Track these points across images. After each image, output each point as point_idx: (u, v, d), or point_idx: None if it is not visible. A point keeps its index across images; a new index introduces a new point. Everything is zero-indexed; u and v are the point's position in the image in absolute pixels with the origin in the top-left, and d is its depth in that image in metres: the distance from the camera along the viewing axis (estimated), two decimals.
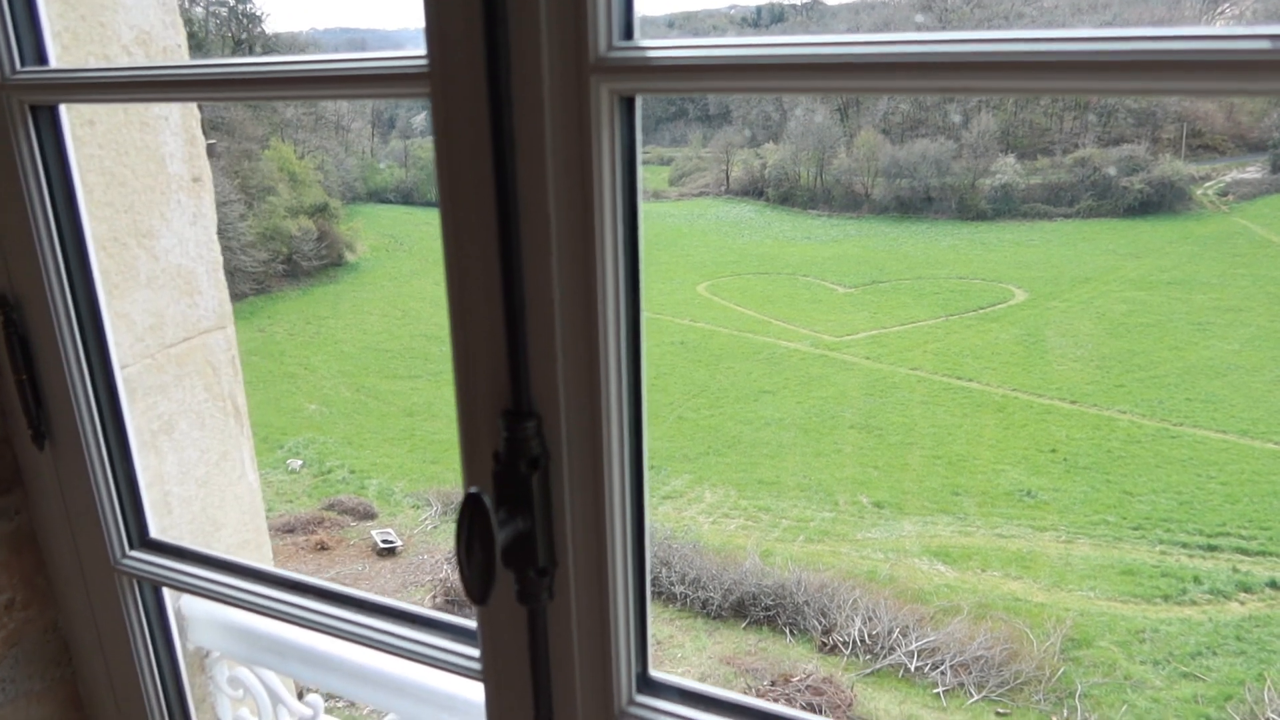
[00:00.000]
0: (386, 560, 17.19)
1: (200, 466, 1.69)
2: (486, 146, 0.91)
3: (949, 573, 17.13)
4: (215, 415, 1.71)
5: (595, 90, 0.86)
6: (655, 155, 55.59)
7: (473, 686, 1.19)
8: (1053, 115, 45.38)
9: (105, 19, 1.46)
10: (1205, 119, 43.17)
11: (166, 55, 1.57)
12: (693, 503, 20.44)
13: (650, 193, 50.68)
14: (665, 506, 20.11)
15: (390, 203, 48.46)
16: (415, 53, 0.95)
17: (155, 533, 1.51)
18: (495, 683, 1.13)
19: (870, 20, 46.64)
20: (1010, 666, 13.66)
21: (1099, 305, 31.20)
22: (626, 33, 0.87)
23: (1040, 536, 18.37)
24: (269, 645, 1.55)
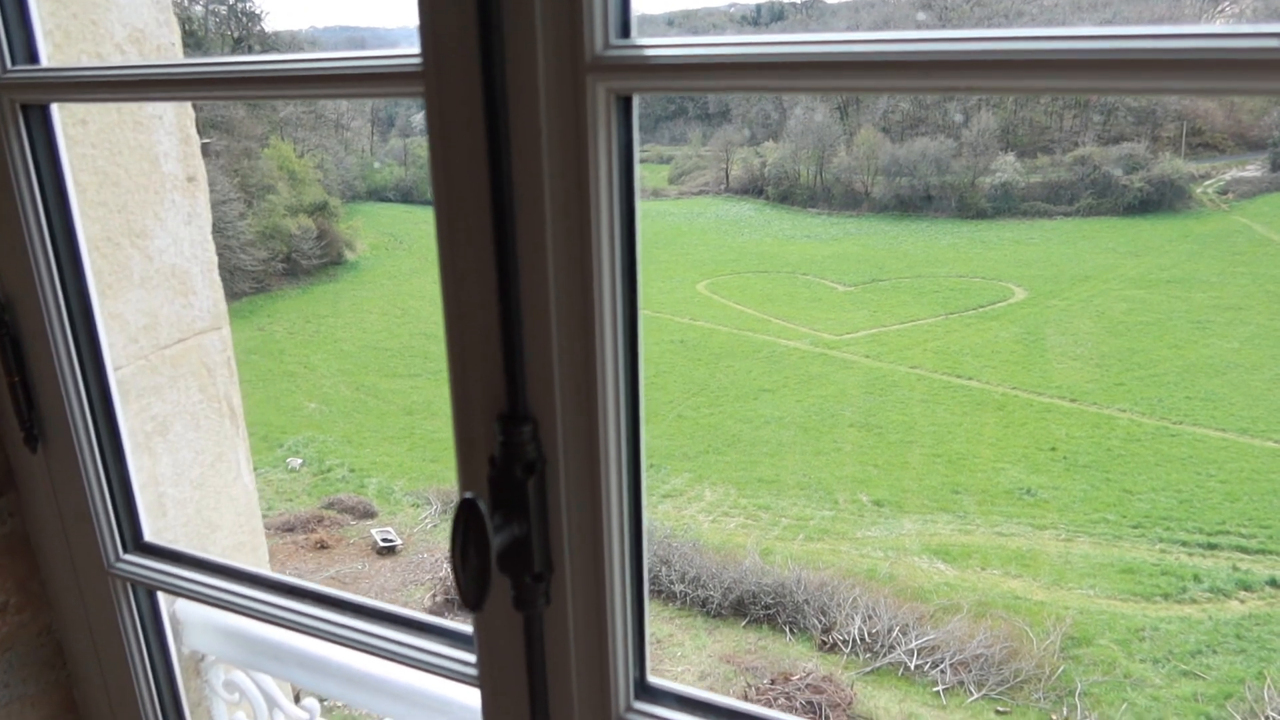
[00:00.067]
0: (386, 559, 17.19)
1: (195, 468, 1.67)
2: (481, 146, 0.90)
3: (949, 571, 17.13)
4: (210, 416, 1.69)
5: (591, 89, 0.85)
6: (655, 153, 55.57)
7: (469, 692, 1.18)
8: (1053, 113, 45.36)
9: (98, 17, 1.45)
10: (1205, 117, 43.16)
11: (160, 53, 1.55)
12: (692, 501, 20.43)
13: (650, 191, 50.65)
14: (665, 505, 20.10)
15: (390, 201, 48.43)
16: (409, 51, 0.94)
17: (150, 535, 1.50)
18: (491, 689, 1.12)
19: (870, 18, 46.60)
20: (1010, 665, 13.67)
21: (1099, 303, 31.19)
22: (623, 31, 0.86)
23: (1040, 535, 18.37)
24: (265, 649, 1.54)
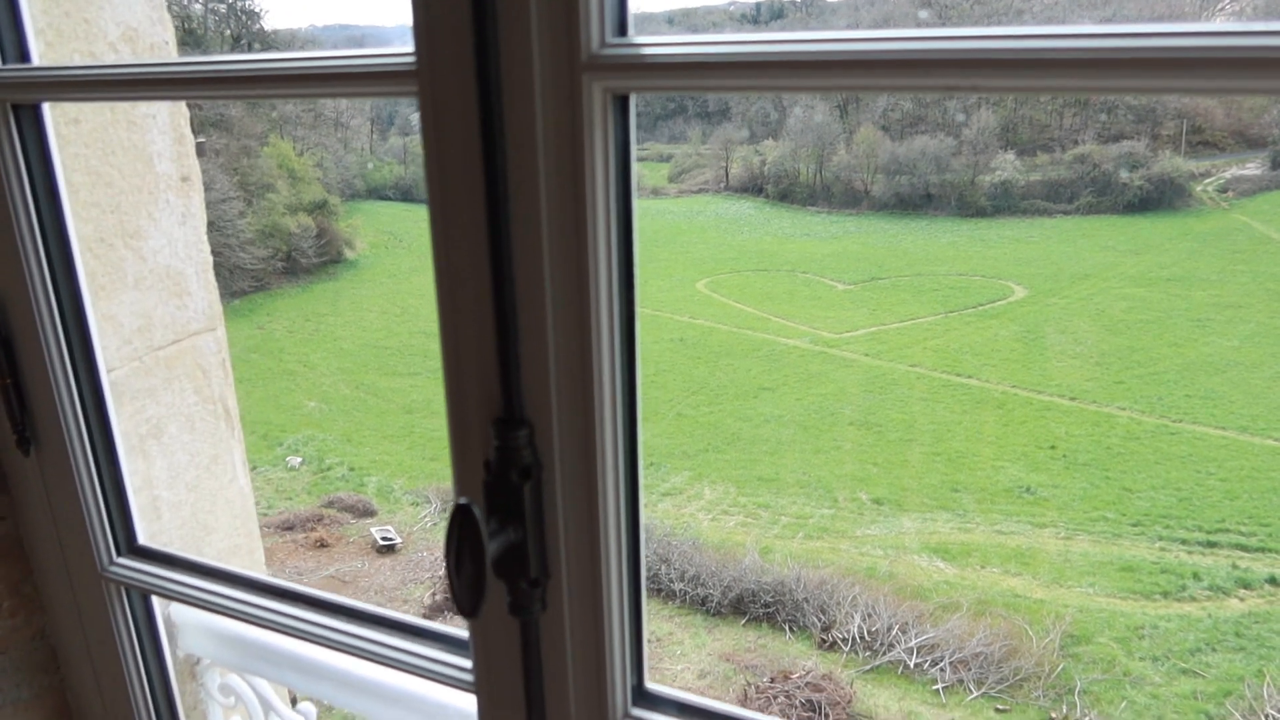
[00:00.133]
0: (386, 557, 17.19)
1: (190, 470, 1.66)
2: (476, 146, 0.89)
3: (948, 569, 17.13)
4: (205, 418, 1.68)
5: (587, 89, 0.84)
6: (654, 152, 55.55)
7: (466, 698, 1.17)
8: (1052, 112, 45.33)
9: (90, 15, 1.43)
10: (1205, 115, 43.14)
11: (154, 52, 1.54)
12: (692, 500, 20.43)
13: (649, 189, 50.63)
14: (664, 503, 20.10)
15: (389, 200, 48.41)
16: (403, 50, 0.92)
17: (144, 538, 1.49)
18: (487, 695, 1.11)
19: (870, 16, 46.55)
20: (1009, 663, 13.67)
21: (1098, 302, 31.18)
22: (620, 29, 0.85)
23: (1040, 533, 18.37)
24: (261, 653, 1.53)
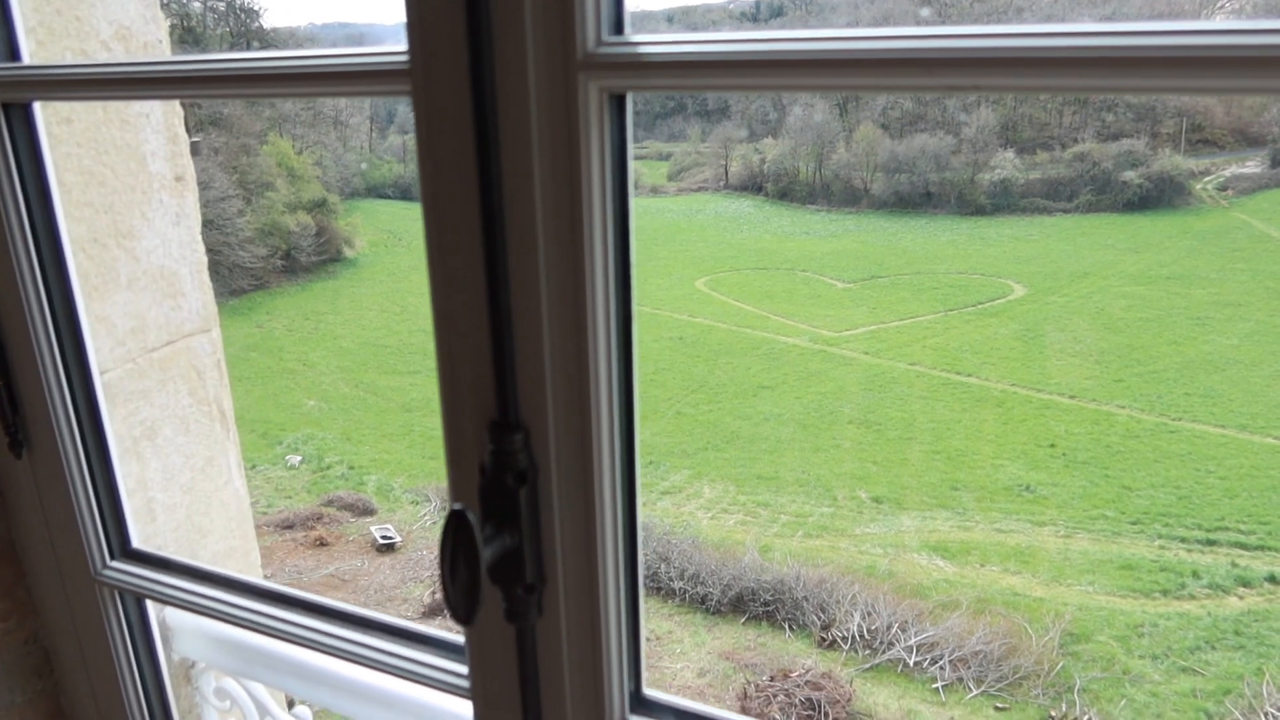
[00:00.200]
0: (386, 556, 17.19)
1: (185, 472, 1.65)
2: (470, 146, 0.87)
3: (948, 568, 17.13)
4: (200, 420, 1.67)
5: (583, 88, 0.83)
6: (654, 150, 55.54)
7: (462, 703, 1.16)
8: (1052, 110, 45.32)
9: (82, 13, 1.42)
10: (1205, 113, 43.13)
11: (147, 50, 1.52)
12: (691, 498, 20.43)
13: (649, 188, 50.61)
14: (664, 502, 20.10)
15: (389, 198, 48.39)
16: (396, 49, 0.91)
17: (138, 541, 1.48)
18: (484, 700, 1.10)
19: (869, 14, 46.50)
20: (1009, 661, 13.67)
21: (1098, 300, 31.18)
22: (616, 28, 0.83)
23: (1039, 531, 18.37)
24: (256, 657, 1.52)
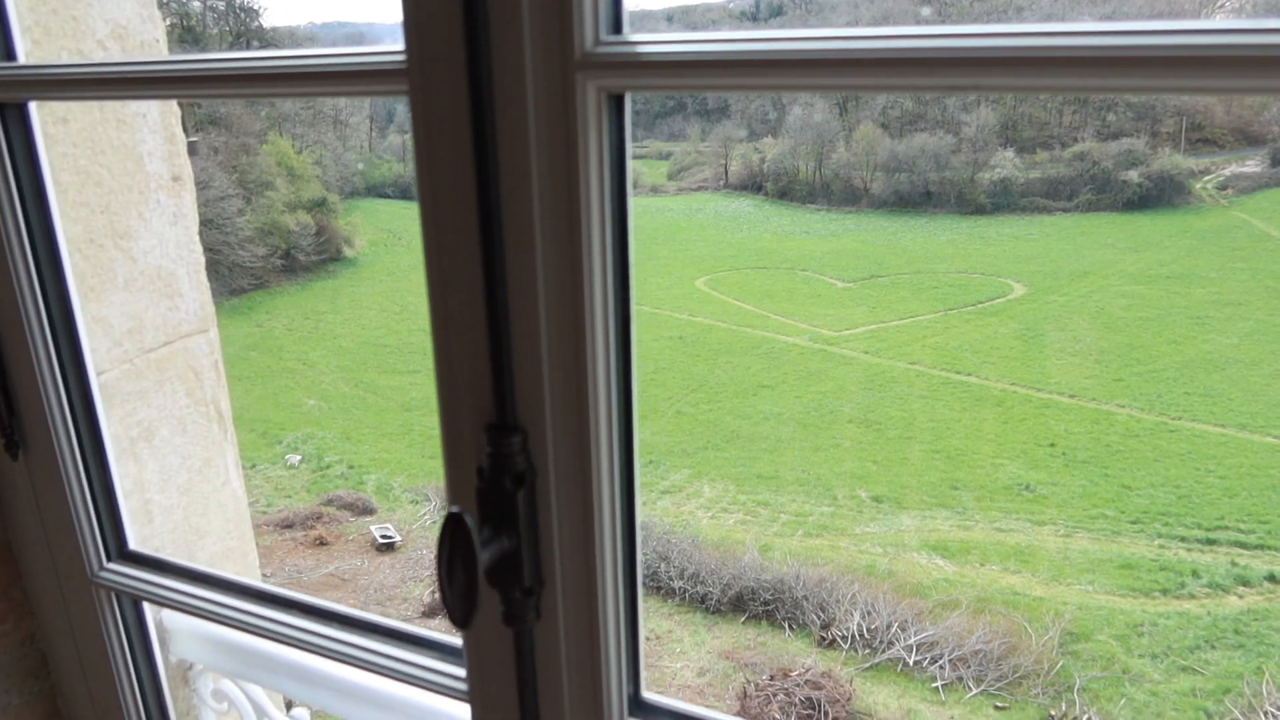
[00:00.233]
0: (385, 555, 17.18)
1: (182, 474, 1.64)
2: (467, 147, 0.87)
3: (948, 567, 17.13)
4: (198, 421, 1.66)
5: (581, 88, 0.82)
6: (654, 150, 55.54)
7: (461, 705, 1.15)
8: (1052, 109, 45.31)
9: (78, 12, 1.41)
10: (1205, 112, 43.13)
11: (144, 50, 1.52)
12: (691, 497, 20.42)
13: (649, 187, 50.61)
14: (664, 501, 20.09)
15: (389, 197, 48.38)
16: (393, 48, 0.90)
17: (135, 543, 1.47)
18: (482, 704, 1.09)
19: (869, 14, 46.48)
20: (1009, 660, 13.67)
21: (1098, 300, 31.18)
22: (615, 27, 0.83)
23: (1039, 530, 18.37)
24: (254, 659, 1.51)
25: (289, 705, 1.73)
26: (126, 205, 1.52)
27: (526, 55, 0.82)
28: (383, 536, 17.44)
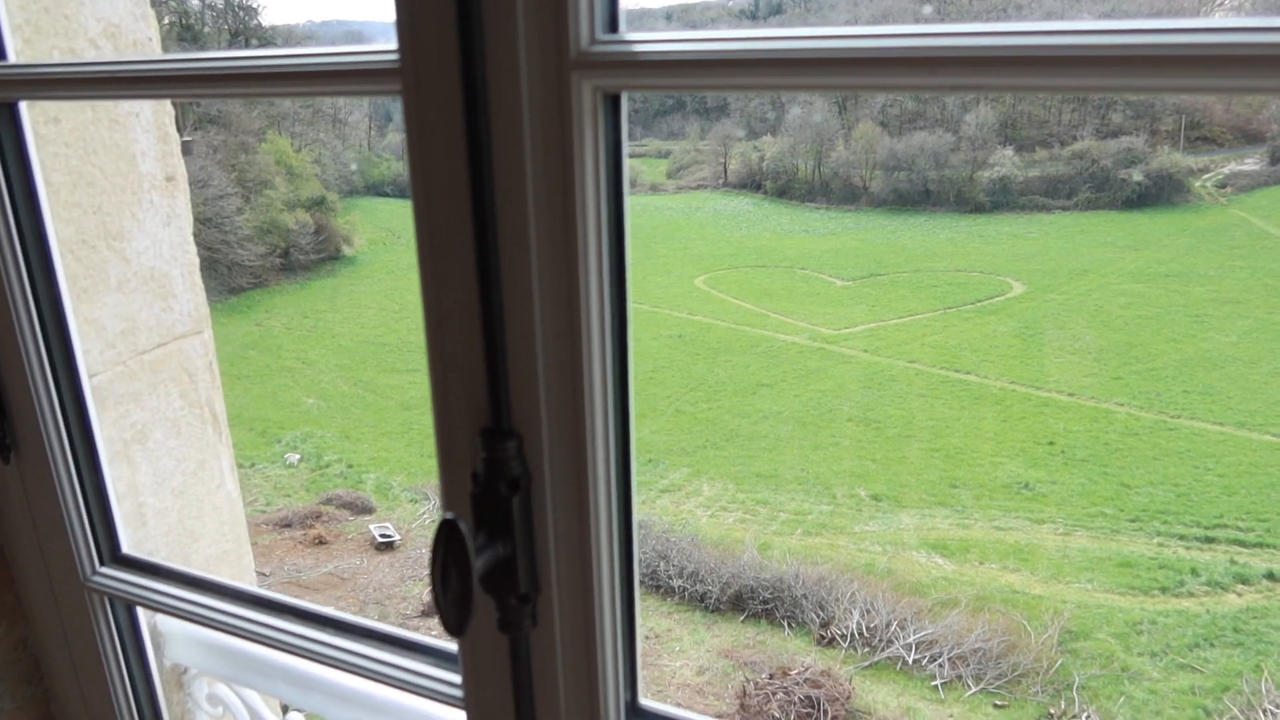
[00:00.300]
0: (384, 554, 17.18)
1: (176, 476, 1.63)
2: (461, 147, 0.85)
3: (947, 565, 17.14)
4: (192, 423, 1.65)
5: (576, 87, 0.81)
6: (653, 148, 55.55)
7: (456, 712, 1.14)
8: (1051, 108, 45.32)
9: (70, 11, 1.40)
10: (1204, 111, 43.15)
11: (136, 49, 1.50)
12: (690, 496, 20.42)
13: (648, 185, 50.61)
14: (663, 500, 20.10)
15: (388, 196, 48.35)
16: (386, 47, 0.89)
17: (129, 546, 1.46)
18: (477, 710, 1.08)
19: (869, 12, 46.45)
20: (1008, 658, 13.68)
21: (1097, 298, 31.19)
22: (611, 26, 0.81)
23: (1038, 529, 18.38)
24: (249, 663, 1.50)
25: (285, 710, 1.72)
26: (119, 206, 1.50)
27: (521, 54, 0.81)
28: (382, 535, 17.44)
